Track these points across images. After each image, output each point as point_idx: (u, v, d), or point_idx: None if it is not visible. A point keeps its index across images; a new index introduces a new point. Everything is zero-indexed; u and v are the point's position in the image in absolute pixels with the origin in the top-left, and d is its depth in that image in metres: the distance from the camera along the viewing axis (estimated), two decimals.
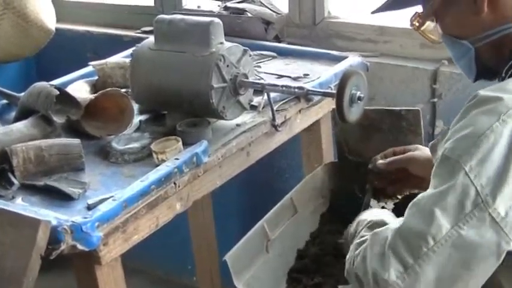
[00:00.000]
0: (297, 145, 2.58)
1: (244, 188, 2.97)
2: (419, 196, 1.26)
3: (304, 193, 2.00)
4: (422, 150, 1.79)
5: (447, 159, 1.22)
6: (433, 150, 1.42)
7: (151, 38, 1.94)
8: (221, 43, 1.83)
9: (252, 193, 2.99)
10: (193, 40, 1.83)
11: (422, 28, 1.57)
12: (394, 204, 1.93)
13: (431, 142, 1.45)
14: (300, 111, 2.09)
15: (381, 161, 1.82)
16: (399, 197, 1.95)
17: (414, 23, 1.57)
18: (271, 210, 1.88)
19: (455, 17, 1.42)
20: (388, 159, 1.81)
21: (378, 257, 1.23)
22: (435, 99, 2.40)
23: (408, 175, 1.78)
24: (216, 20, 1.85)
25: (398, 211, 1.63)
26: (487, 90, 1.28)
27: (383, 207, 1.89)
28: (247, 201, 3.02)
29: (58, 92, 1.82)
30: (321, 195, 2.05)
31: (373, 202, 1.89)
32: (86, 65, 2.29)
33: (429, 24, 1.57)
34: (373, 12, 1.61)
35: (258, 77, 2.10)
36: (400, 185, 1.84)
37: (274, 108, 1.95)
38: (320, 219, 2.03)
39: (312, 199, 2.03)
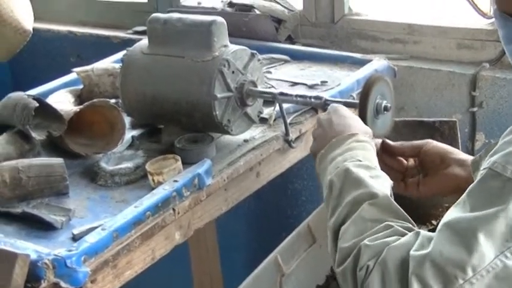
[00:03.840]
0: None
1: (254, 213, 2.98)
2: (453, 216, 1.23)
3: (323, 219, 1.99)
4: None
5: (496, 176, 1.20)
6: (475, 167, 1.41)
7: (144, 40, 1.95)
8: (225, 46, 1.85)
9: (262, 220, 3.00)
10: (192, 43, 1.85)
11: None
12: (429, 230, 1.93)
13: (473, 159, 1.45)
14: None
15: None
16: (434, 222, 1.95)
17: None
18: (286, 240, 1.89)
19: None
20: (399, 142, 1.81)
21: (397, 283, 1.23)
22: (475, 109, 2.41)
23: (421, 164, 1.77)
24: (219, 19, 1.86)
25: None
26: None
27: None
28: (257, 229, 3.03)
29: (37, 104, 1.82)
30: None
31: None
32: (69, 72, 2.30)
33: None
34: None
35: (269, 85, 2.11)
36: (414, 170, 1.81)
37: (288, 121, 1.96)
38: None
39: None
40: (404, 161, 1.77)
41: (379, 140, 1.75)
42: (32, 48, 2.99)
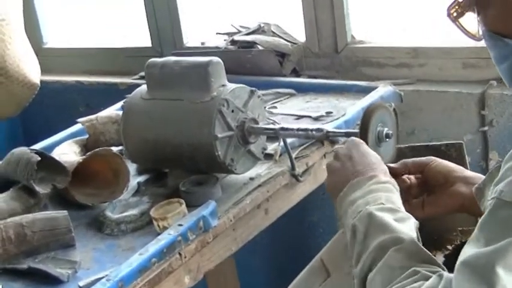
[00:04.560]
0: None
1: (274, 248, 2.96)
2: (469, 253, 1.18)
3: (336, 251, 1.98)
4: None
5: (506, 205, 1.16)
6: (480, 195, 1.38)
7: (143, 86, 1.96)
8: (223, 85, 1.84)
9: (282, 253, 2.98)
10: (190, 85, 1.85)
11: (460, 19, 1.52)
12: (445, 256, 1.91)
13: (476, 186, 1.41)
14: (324, 155, 2.09)
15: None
16: (449, 247, 1.92)
17: (452, 12, 1.52)
18: (299, 275, 1.87)
19: (500, 10, 1.37)
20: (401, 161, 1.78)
21: None
22: (486, 128, 2.39)
23: (425, 183, 1.75)
24: (215, 59, 1.86)
25: (449, 263, 1.60)
26: None
27: None
28: (277, 263, 3.01)
29: (39, 158, 1.83)
30: None
31: None
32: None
33: (469, 16, 1.53)
34: None
35: (271, 121, 2.10)
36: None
37: (293, 155, 1.95)
38: None
39: (346, 258, 2.00)
40: (407, 180, 1.74)
41: None
42: (41, 101, 3.02)
